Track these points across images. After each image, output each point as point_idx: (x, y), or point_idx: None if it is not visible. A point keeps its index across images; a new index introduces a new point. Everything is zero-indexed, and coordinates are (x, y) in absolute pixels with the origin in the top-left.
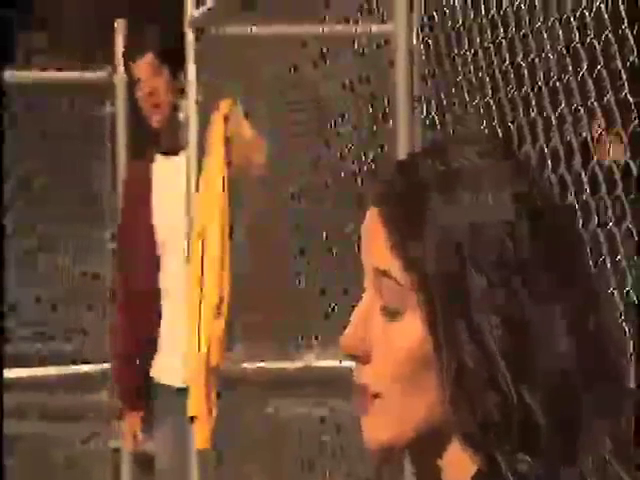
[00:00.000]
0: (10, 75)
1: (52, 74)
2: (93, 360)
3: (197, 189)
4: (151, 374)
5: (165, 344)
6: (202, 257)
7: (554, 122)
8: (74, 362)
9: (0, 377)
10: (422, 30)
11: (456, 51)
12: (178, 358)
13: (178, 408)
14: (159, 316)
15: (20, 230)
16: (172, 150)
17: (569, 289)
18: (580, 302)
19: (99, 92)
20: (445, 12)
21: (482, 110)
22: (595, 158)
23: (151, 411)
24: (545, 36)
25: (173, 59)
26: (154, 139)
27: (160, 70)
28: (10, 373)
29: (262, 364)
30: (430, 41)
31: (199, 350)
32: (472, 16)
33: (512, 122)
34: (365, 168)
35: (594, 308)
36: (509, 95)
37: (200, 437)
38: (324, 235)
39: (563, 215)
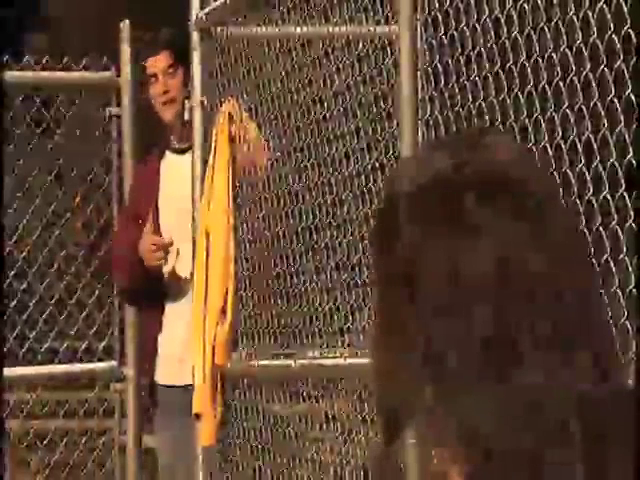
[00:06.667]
0: (10, 75)
1: (54, 74)
2: (99, 358)
3: (202, 189)
4: (155, 377)
5: (166, 345)
6: (207, 257)
7: (557, 121)
8: (80, 359)
9: (0, 377)
10: (426, 30)
11: (460, 51)
12: (178, 358)
13: (179, 407)
14: (162, 314)
15: (20, 230)
16: (181, 148)
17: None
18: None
19: (103, 92)
20: (449, 12)
21: (485, 110)
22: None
23: (155, 409)
24: (548, 36)
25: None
26: (163, 137)
27: (175, 69)
28: (16, 371)
29: (266, 362)
30: (434, 41)
31: (204, 350)
32: (475, 16)
33: (515, 122)
34: (369, 167)
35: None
36: (512, 95)
37: (205, 434)
38: (328, 234)
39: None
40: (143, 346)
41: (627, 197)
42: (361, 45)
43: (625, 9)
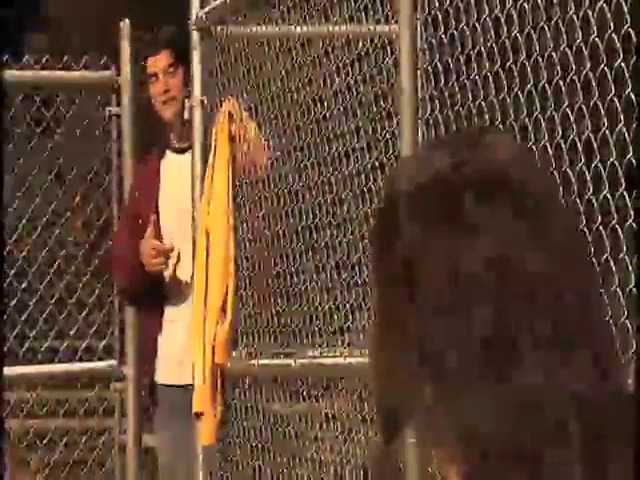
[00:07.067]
0: (10, 74)
1: (54, 74)
2: (99, 357)
3: (202, 189)
4: (155, 377)
5: (165, 347)
6: (207, 257)
7: (557, 121)
8: (80, 359)
9: (0, 376)
10: (426, 30)
11: (460, 50)
12: (178, 361)
13: (179, 406)
14: (161, 315)
15: (20, 230)
16: (181, 148)
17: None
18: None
19: (103, 92)
20: (449, 12)
21: (485, 109)
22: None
23: (155, 408)
24: (548, 35)
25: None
26: (163, 137)
27: (175, 68)
28: (16, 370)
29: (266, 361)
30: (434, 41)
31: (204, 349)
32: (475, 16)
33: (515, 121)
34: (369, 166)
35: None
36: (512, 94)
37: (205, 434)
38: (328, 233)
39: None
40: (143, 347)
41: (627, 196)
42: (361, 44)
43: (625, 9)
